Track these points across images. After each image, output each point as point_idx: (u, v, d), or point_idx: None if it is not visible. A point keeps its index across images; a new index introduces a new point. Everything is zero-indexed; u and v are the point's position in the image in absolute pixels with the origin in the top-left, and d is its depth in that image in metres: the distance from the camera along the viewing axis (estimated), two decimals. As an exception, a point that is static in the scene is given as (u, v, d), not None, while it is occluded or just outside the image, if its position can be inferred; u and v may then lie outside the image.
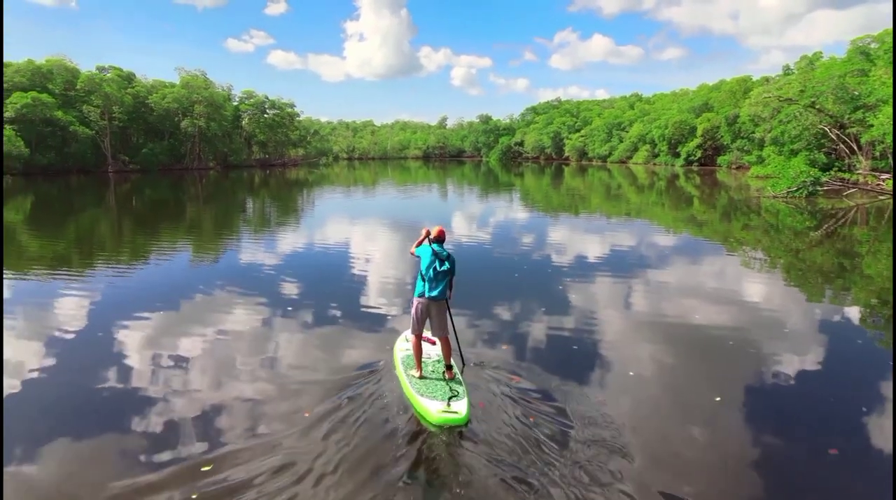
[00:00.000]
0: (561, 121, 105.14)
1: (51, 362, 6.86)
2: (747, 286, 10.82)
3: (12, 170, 50.77)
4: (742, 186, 38.06)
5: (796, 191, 27.46)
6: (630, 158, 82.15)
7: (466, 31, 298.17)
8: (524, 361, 6.77)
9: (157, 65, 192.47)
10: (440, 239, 6.12)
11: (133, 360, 6.87)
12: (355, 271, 12.42)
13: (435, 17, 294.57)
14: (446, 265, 5.92)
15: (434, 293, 5.89)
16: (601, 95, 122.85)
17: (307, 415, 5.30)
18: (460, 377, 5.99)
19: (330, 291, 10.52)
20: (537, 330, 8.00)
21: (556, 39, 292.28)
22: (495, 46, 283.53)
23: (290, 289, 10.63)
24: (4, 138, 49.42)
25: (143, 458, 4.65)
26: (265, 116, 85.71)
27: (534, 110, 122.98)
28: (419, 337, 6.04)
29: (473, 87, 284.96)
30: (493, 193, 38.16)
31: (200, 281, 11.35)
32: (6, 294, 10.03)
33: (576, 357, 7.01)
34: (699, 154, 65.79)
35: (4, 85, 54.27)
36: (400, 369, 6.17)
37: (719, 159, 62.79)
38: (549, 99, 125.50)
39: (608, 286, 10.79)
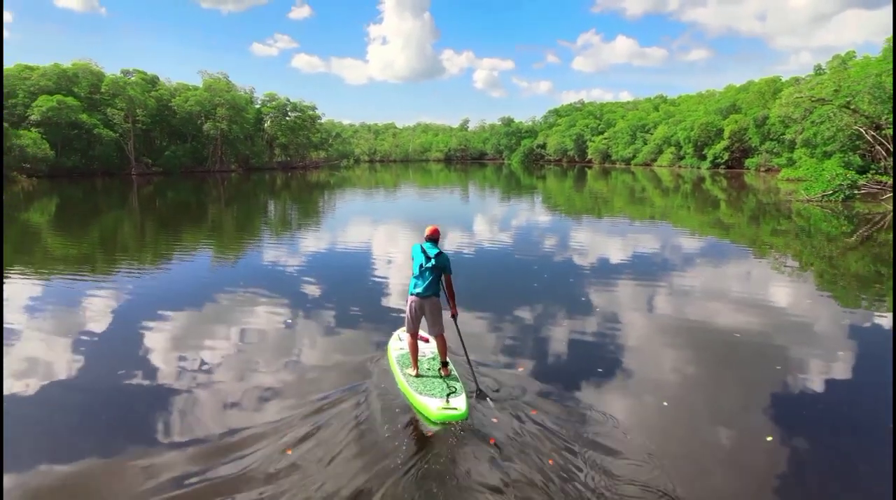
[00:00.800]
0: (584, 123, 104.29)
1: (79, 358, 7.02)
2: (780, 293, 10.39)
3: (38, 172, 51.84)
4: (771, 189, 37.17)
5: (832, 194, 26.64)
6: (654, 160, 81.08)
7: (489, 34, 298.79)
8: (543, 382, 6.16)
9: (184, 69, 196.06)
10: (432, 238, 6.14)
11: (155, 357, 7.04)
12: (376, 273, 12.34)
13: (457, 21, 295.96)
14: (432, 263, 5.95)
15: (421, 290, 5.93)
16: (625, 97, 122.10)
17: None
18: (456, 374, 6.06)
19: (348, 292, 10.54)
20: (557, 346, 7.58)
21: (579, 41, 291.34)
22: (518, 49, 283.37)
23: (309, 290, 10.69)
24: (31, 141, 50.54)
25: (161, 441, 4.96)
26: (287, 118, 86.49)
27: (556, 112, 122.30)
28: (414, 336, 6.08)
29: (496, 89, 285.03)
30: (515, 195, 37.81)
31: (221, 282, 11.45)
32: (34, 294, 10.25)
33: (601, 379, 6.47)
34: (726, 156, 64.58)
35: (31, 89, 55.56)
36: (396, 369, 6.21)
37: (747, 162, 61.55)
38: (571, 101, 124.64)
39: (633, 295, 10.42)
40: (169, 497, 4.12)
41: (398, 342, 6.89)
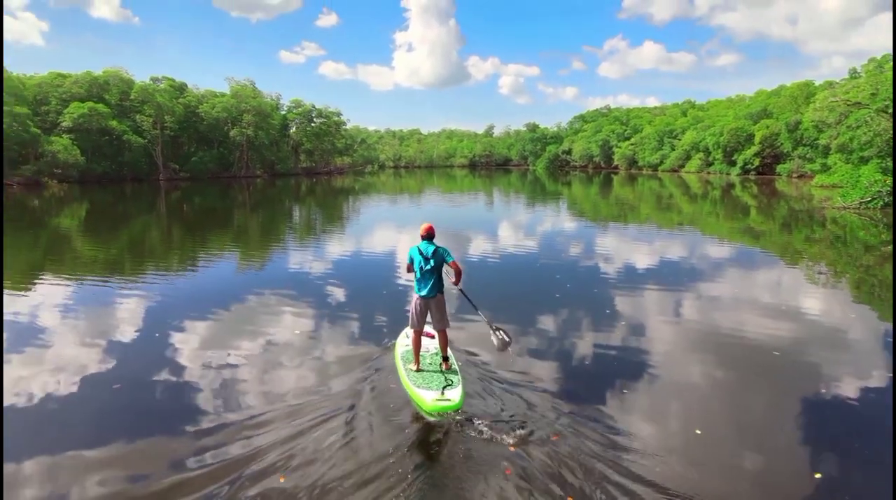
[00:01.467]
0: (610, 129, 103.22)
1: (110, 359, 7.23)
2: (818, 305, 9.97)
3: (69, 178, 53.20)
4: (804, 195, 36.19)
5: (870, 201, 25.72)
6: (682, 166, 79.78)
7: (514, 40, 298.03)
8: (565, 401, 5.88)
9: (214, 76, 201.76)
10: (427, 236, 6.34)
11: (182, 356, 7.31)
12: (397, 277, 12.29)
13: (483, 27, 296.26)
14: (431, 263, 6.15)
15: (426, 292, 6.18)
16: (651, 102, 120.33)
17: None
18: (455, 368, 6.30)
19: (368, 294, 10.81)
20: (581, 362, 7.29)
21: (605, 47, 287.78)
22: (543, 55, 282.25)
23: (331, 292, 10.96)
24: (62, 147, 51.87)
25: (186, 429, 5.35)
26: (312, 124, 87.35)
27: (582, 118, 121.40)
28: (418, 333, 6.32)
29: (521, 95, 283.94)
30: (540, 202, 37.50)
31: (247, 285, 11.71)
32: (67, 298, 10.48)
33: (628, 398, 6.17)
34: (757, 162, 63.15)
35: (63, 96, 57.08)
36: (399, 364, 6.48)
37: (779, 168, 60.12)
38: (597, 107, 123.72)
39: (661, 305, 10.12)
40: (193, 476, 4.51)
41: (405, 339, 7.10)
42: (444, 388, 5.73)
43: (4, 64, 57.31)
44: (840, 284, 12.13)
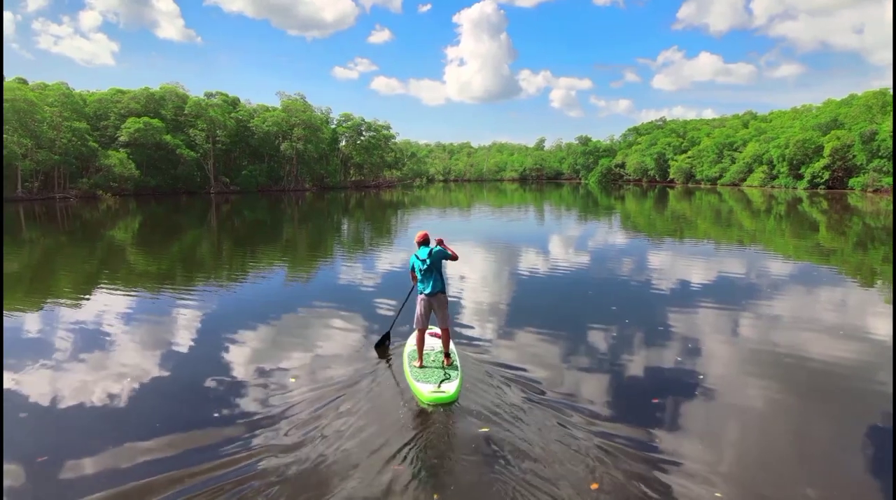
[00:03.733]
0: (666, 141, 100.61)
1: (166, 365, 7.63)
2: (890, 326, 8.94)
3: (124, 191, 55.57)
4: (881, 211, 33.91)
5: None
6: (743, 180, 76.85)
7: (566, 54, 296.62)
8: (613, 422, 5.58)
9: (269, 93, 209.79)
10: (422, 243, 7.04)
11: (233, 364, 7.62)
12: (451, 292, 11.92)
13: (535, 41, 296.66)
14: (428, 262, 6.81)
15: (429, 290, 6.80)
16: (708, 115, 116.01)
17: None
18: (457, 364, 6.79)
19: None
20: (629, 381, 6.90)
21: (659, 59, 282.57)
22: (596, 68, 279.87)
23: (377, 303, 11.07)
24: (118, 161, 54.29)
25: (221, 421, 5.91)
26: (361, 138, 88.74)
27: (636, 131, 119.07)
28: (422, 332, 6.89)
29: (573, 109, 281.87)
30: (592, 216, 36.48)
31: (295, 298, 12.01)
32: (126, 308, 10.81)
33: (678, 422, 5.70)
34: (826, 176, 60.09)
35: (121, 111, 59.91)
36: (405, 361, 6.99)
37: (851, 182, 57.04)
38: (651, 120, 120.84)
39: (716, 325, 9.31)
40: (233, 458, 4.93)
41: (413, 339, 7.55)
42: (442, 381, 6.26)
43: (74, 85, 60.53)
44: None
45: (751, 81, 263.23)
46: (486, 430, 5.34)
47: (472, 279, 13.69)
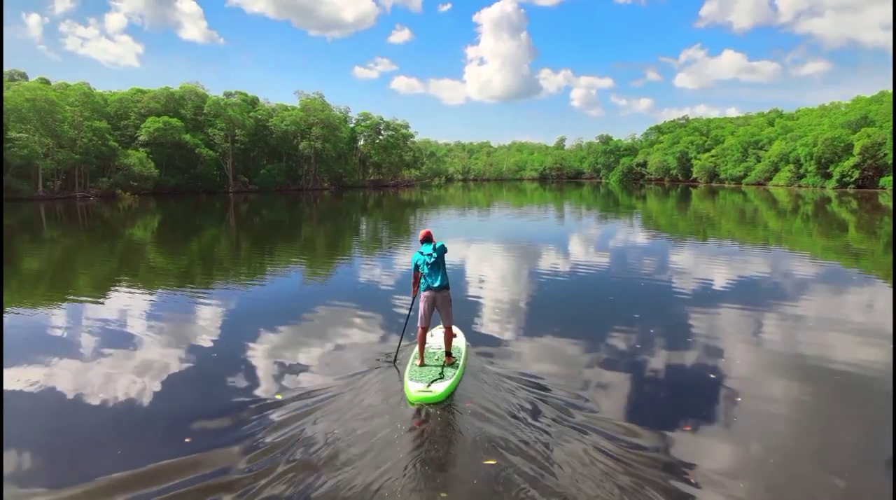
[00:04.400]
0: (688, 140, 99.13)
1: (181, 361, 7.70)
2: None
3: (143, 190, 56.16)
4: (913, 211, 32.84)
5: None
6: (769, 179, 75.39)
7: (587, 52, 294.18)
8: (629, 423, 5.48)
9: (289, 92, 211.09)
10: (426, 239, 6.94)
11: (255, 362, 7.62)
12: (469, 290, 12.10)
13: (555, 39, 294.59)
14: (434, 256, 6.71)
15: (437, 285, 6.69)
16: (732, 114, 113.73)
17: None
18: (458, 364, 6.70)
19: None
20: (646, 383, 6.69)
21: (681, 57, 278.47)
22: (616, 66, 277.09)
23: (394, 302, 10.97)
24: (137, 160, 54.90)
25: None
26: (380, 137, 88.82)
27: (658, 129, 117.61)
28: (425, 329, 6.79)
29: (593, 108, 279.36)
30: (613, 216, 35.91)
31: (313, 297, 11.94)
32: (148, 306, 10.94)
33: (700, 429, 5.46)
34: (856, 175, 58.63)
35: (142, 111, 60.62)
36: (410, 360, 6.95)
37: (882, 181, 55.54)
38: (674, 118, 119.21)
39: (738, 326, 8.93)
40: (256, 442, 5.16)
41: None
42: (433, 381, 6.12)
43: (96, 85, 61.38)
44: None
45: (775, 79, 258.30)
46: (482, 432, 5.22)
47: (491, 279, 13.58)
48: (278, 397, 6.28)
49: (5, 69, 66.15)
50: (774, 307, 10.36)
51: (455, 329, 7.68)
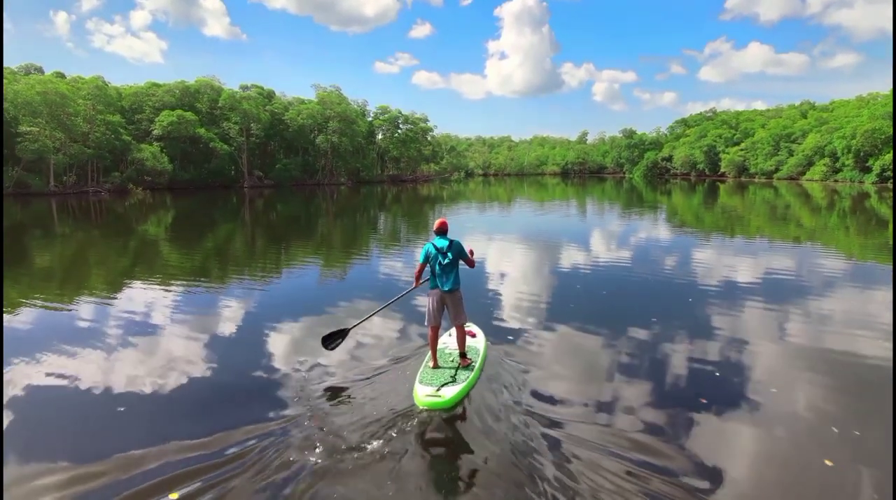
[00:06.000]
0: (716, 133, 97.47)
1: (210, 355, 7.73)
2: None
3: (157, 185, 56.49)
4: (957, 207, 31.60)
5: None
6: (803, 174, 73.75)
7: (610, 46, 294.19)
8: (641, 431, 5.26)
9: (309, 87, 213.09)
10: (441, 231, 6.50)
11: (273, 358, 7.55)
12: (490, 287, 11.91)
13: (578, 33, 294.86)
14: (449, 256, 6.31)
15: (448, 286, 6.36)
16: (758, 107, 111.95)
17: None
18: (474, 365, 6.41)
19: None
20: (666, 382, 6.42)
21: (706, 50, 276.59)
22: (640, 60, 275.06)
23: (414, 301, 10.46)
24: (150, 155, 55.19)
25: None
26: (398, 131, 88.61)
27: (684, 122, 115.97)
28: (435, 329, 6.48)
29: (616, 102, 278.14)
30: (637, 211, 35.11)
31: (327, 295, 11.79)
32: (158, 303, 10.77)
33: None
34: (897, 169, 56.69)
35: (156, 105, 60.96)
36: (424, 361, 6.66)
37: (924, 175, 53.68)
38: (699, 111, 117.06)
39: (768, 328, 8.40)
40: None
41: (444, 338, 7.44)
42: (444, 385, 5.85)
43: (122, 82, 61.90)
44: None
45: (803, 72, 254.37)
46: (491, 440, 5.05)
47: (511, 276, 13.40)
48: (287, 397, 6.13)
49: (21, 62, 67.19)
50: (814, 310, 9.80)
51: (474, 328, 7.58)
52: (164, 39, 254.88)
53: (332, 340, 7.09)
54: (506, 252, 17.26)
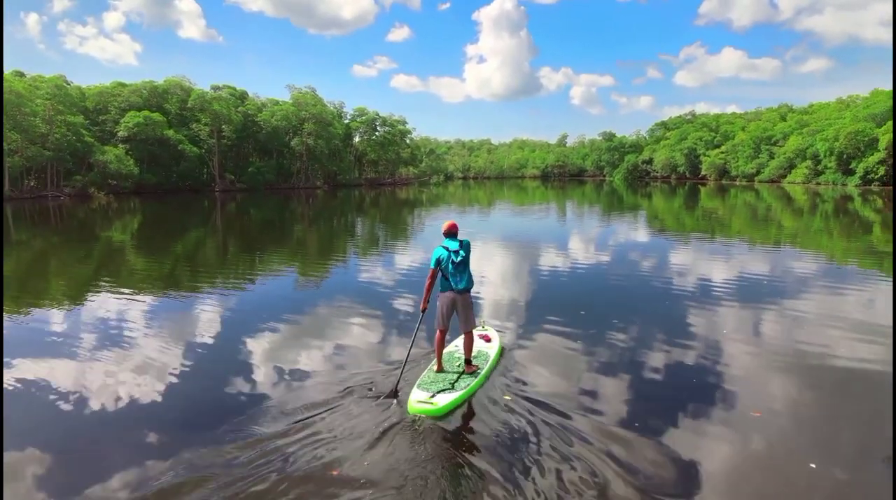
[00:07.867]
0: (697, 136, 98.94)
1: (167, 368, 7.42)
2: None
3: (122, 189, 55.04)
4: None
5: None
6: (784, 176, 74.99)
7: (587, 50, 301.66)
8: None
9: (286, 90, 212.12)
10: (451, 232, 6.51)
11: (254, 364, 7.56)
12: (474, 290, 11.58)
13: (555, 38, 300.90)
14: (462, 254, 6.31)
15: (461, 286, 6.35)
16: (734, 111, 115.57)
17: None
18: (480, 372, 6.38)
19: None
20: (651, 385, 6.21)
21: (681, 55, 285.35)
22: (617, 64, 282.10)
23: (398, 303, 10.79)
24: (114, 157, 53.71)
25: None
26: (376, 133, 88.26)
27: (664, 125, 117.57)
28: (443, 332, 6.47)
29: (594, 106, 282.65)
30: (617, 215, 35.26)
31: (306, 303, 11.55)
32: (119, 312, 10.39)
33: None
34: (881, 171, 57.77)
35: (122, 105, 59.66)
36: (429, 366, 6.63)
37: (910, 177, 54.78)
38: (675, 115, 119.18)
39: (748, 330, 8.37)
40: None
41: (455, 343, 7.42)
42: (440, 391, 5.79)
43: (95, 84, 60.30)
44: None
45: (776, 77, 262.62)
46: (476, 455, 4.93)
47: (489, 278, 13.34)
48: (267, 405, 6.02)
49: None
50: (799, 313, 9.83)
51: (491, 332, 7.65)
52: (138, 41, 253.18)
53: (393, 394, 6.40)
54: (487, 254, 17.17)
